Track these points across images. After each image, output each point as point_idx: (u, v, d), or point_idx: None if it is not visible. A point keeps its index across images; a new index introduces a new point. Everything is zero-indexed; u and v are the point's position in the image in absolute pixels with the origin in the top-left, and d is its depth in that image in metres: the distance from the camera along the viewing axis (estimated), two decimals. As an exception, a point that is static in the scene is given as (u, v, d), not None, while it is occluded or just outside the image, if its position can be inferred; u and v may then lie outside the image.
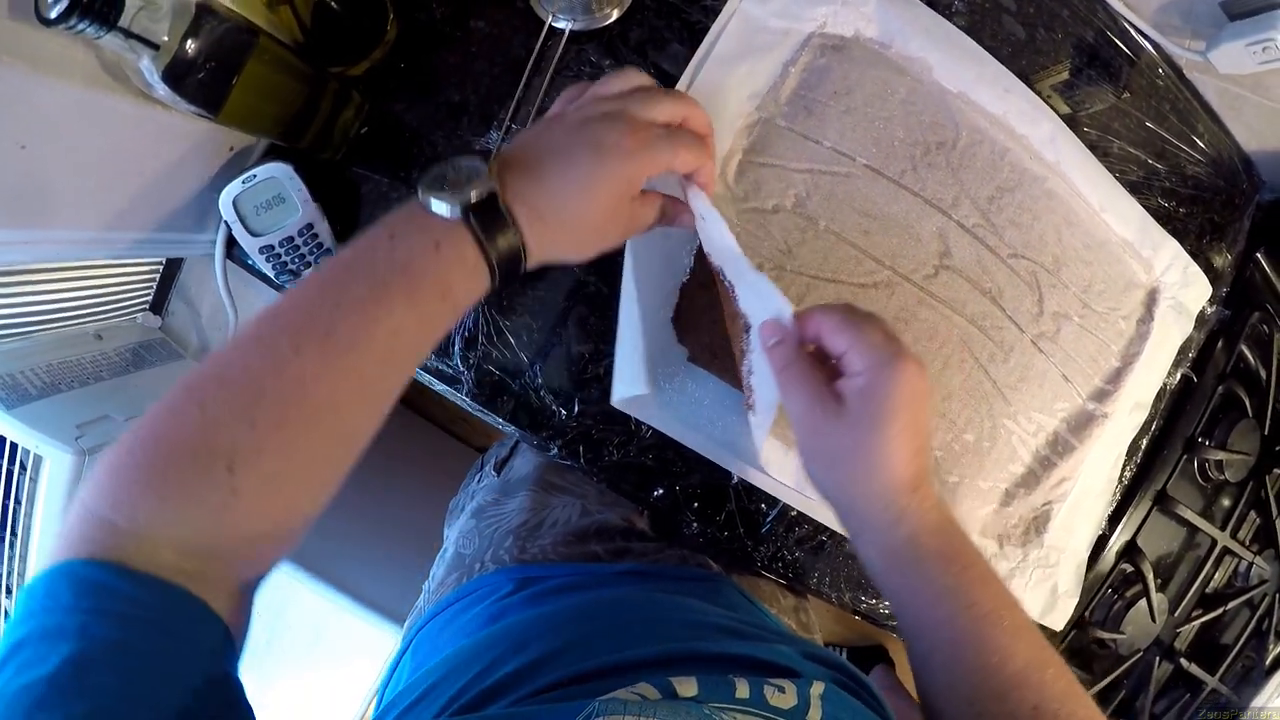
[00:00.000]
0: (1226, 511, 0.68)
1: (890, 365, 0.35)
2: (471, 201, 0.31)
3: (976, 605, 0.36)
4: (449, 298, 0.32)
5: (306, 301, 0.31)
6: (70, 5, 0.33)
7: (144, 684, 0.24)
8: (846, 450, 0.36)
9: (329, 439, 0.31)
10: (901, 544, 0.37)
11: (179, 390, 0.29)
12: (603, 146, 0.34)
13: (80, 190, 0.45)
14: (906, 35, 0.49)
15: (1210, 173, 0.64)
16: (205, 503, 0.28)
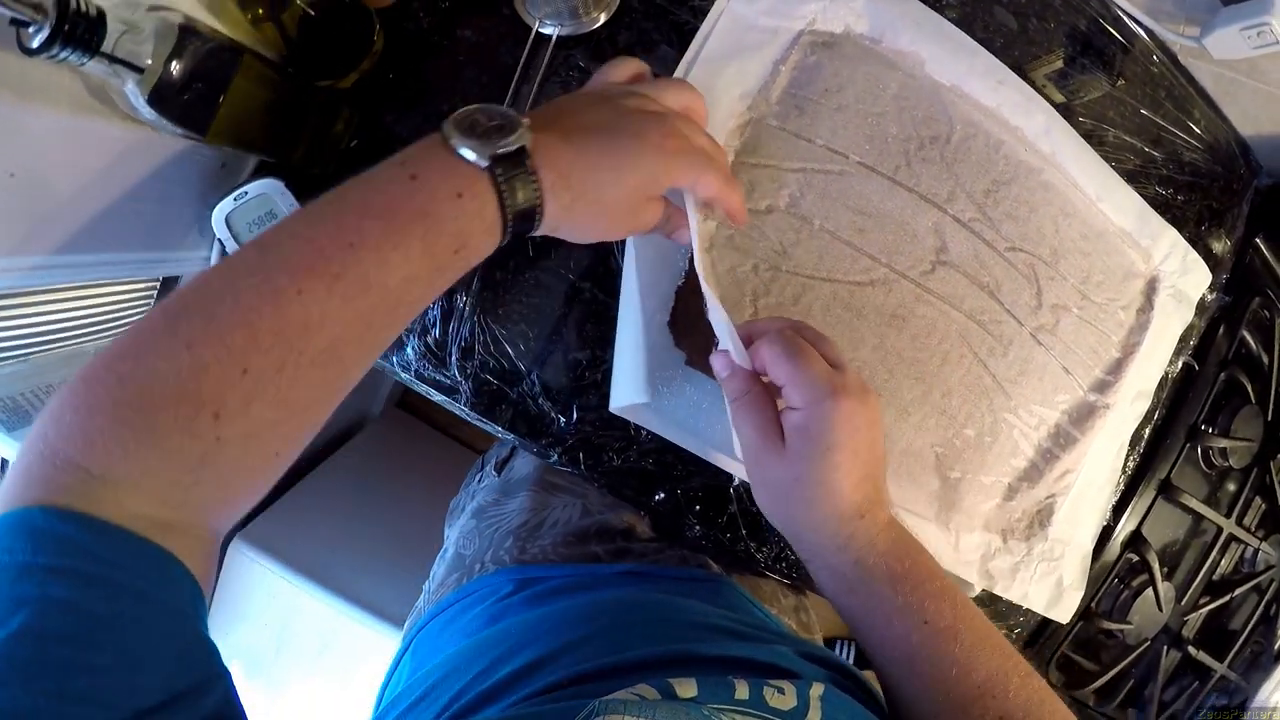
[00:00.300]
0: (1231, 498, 0.68)
1: (826, 402, 0.35)
2: (500, 153, 0.29)
3: (931, 622, 0.37)
4: (463, 251, 0.31)
5: (314, 237, 0.28)
6: (52, 34, 0.33)
7: (113, 655, 0.22)
8: (788, 483, 0.37)
9: (322, 386, 0.29)
10: (849, 568, 0.38)
11: (161, 321, 0.26)
12: (646, 138, 0.34)
13: (71, 215, 0.45)
14: (897, 30, 0.49)
15: (1207, 159, 0.63)
16: (187, 452, 0.25)
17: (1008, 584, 0.54)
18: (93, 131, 0.43)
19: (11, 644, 0.20)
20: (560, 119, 0.33)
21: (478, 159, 0.29)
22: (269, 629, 0.89)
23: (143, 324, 0.27)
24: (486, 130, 0.30)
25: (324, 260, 0.27)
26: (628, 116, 0.34)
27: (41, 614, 0.21)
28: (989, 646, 0.37)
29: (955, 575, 0.53)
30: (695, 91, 0.38)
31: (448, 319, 0.48)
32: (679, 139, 0.35)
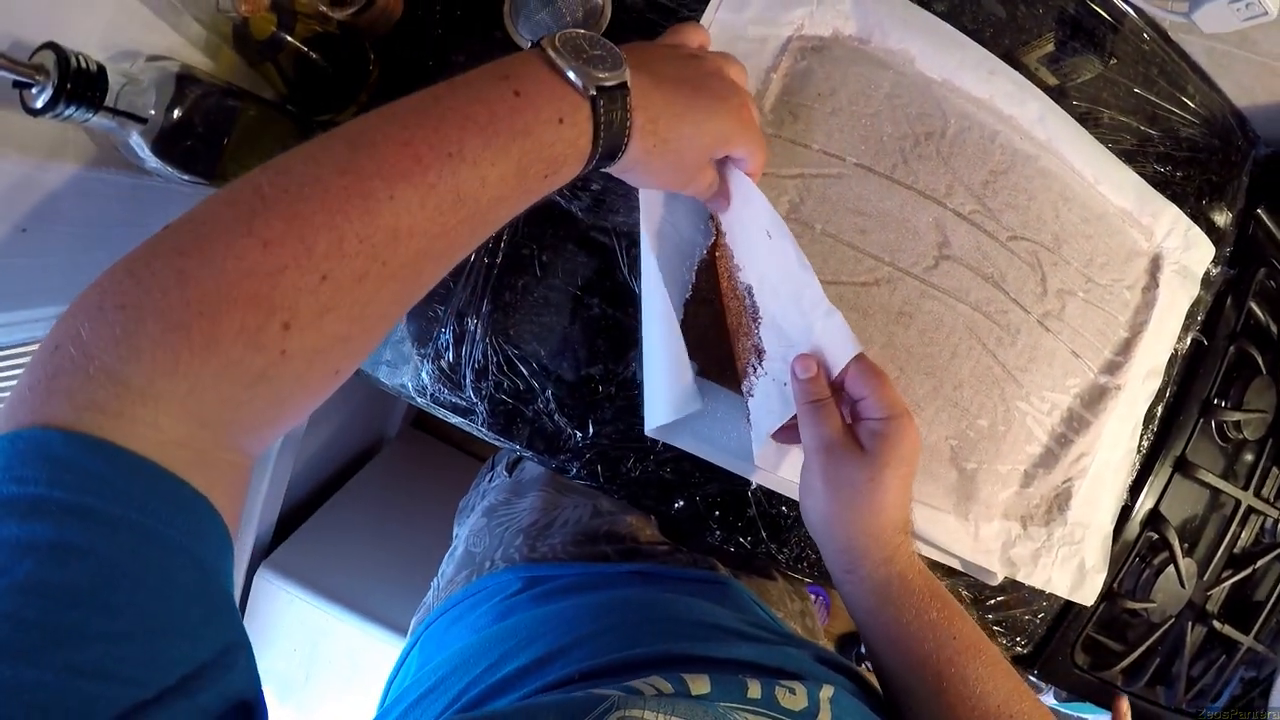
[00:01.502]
0: (1248, 470, 0.68)
1: (903, 418, 0.38)
2: (604, 85, 0.29)
3: (959, 639, 0.38)
4: (552, 177, 0.30)
5: (410, 141, 0.26)
6: (55, 94, 0.33)
7: (133, 619, 0.19)
8: (859, 485, 0.38)
9: (396, 300, 0.27)
10: (894, 579, 0.39)
11: (231, 213, 0.23)
12: (727, 101, 0.36)
13: (84, 265, 0.46)
14: (885, 28, 0.49)
15: (1204, 133, 0.63)
16: (246, 365, 0.23)
17: (1030, 570, 0.54)
18: (103, 182, 0.44)
19: (16, 599, 0.17)
20: (651, 64, 0.34)
21: (584, 86, 0.29)
22: (298, 654, 0.90)
23: (208, 212, 0.23)
24: (590, 58, 0.30)
25: (421, 168, 0.25)
26: (711, 77, 0.36)
27: (54, 562, 0.18)
28: (1003, 667, 0.39)
29: (977, 564, 0.54)
30: (745, 71, 0.40)
31: (460, 342, 0.48)
32: (750, 110, 0.38)
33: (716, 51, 0.40)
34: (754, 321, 0.45)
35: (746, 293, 0.45)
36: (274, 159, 0.25)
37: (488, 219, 0.29)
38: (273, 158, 0.25)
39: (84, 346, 0.21)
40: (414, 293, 0.28)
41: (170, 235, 0.23)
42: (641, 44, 0.37)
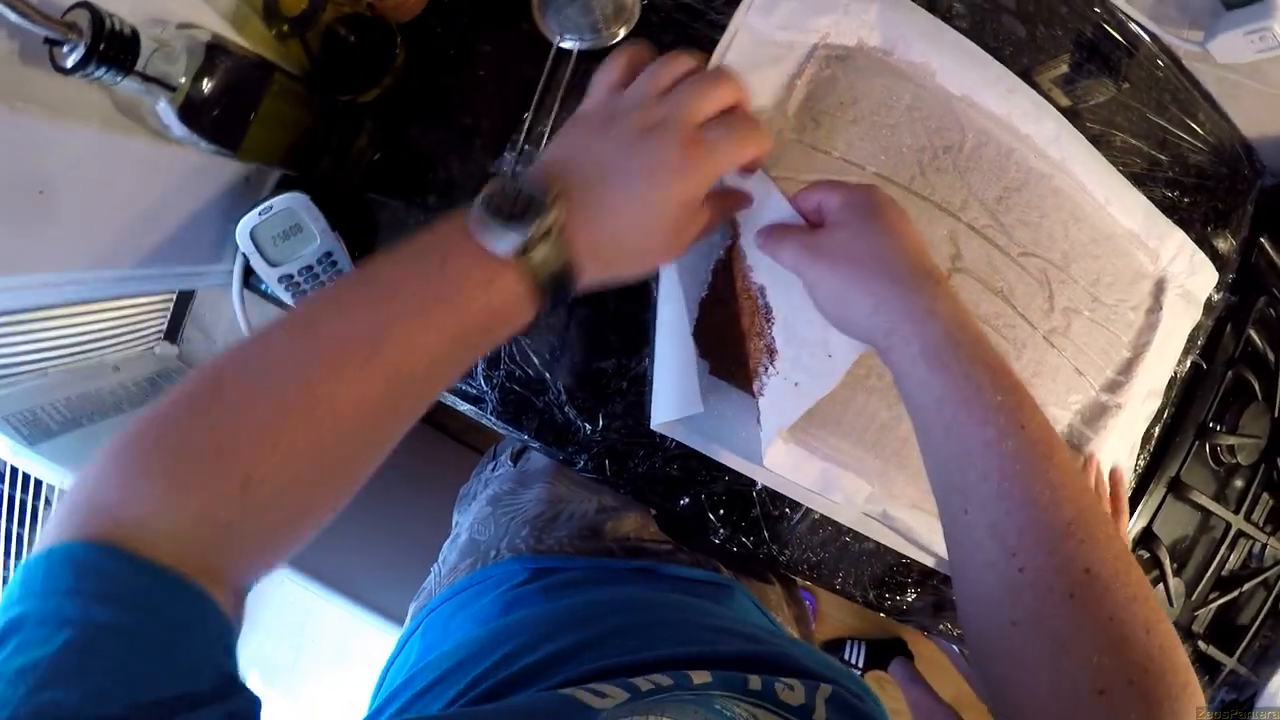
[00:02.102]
0: (1239, 494, 0.69)
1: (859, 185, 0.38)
2: (533, 239, 0.30)
3: (1028, 429, 0.32)
4: (492, 332, 0.32)
5: (345, 325, 0.29)
6: (87, 54, 0.33)
7: (147, 667, 0.23)
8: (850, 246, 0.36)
9: (351, 460, 0.31)
10: (942, 338, 0.34)
11: (200, 390, 0.28)
12: (660, 168, 0.33)
13: (98, 231, 0.46)
14: (909, 41, 0.49)
15: (1212, 161, 0.64)
16: (216, 515, 0.27)
17: (1025, 583, 0.55)
18: (121, 148, 0.43)
19: (58, 656, 0.22)
20: (580, 174, 0.33)
21: (503, 250, 0.30)
22: (286, 636, 0.89)
23: (184, 389, 0.28)
24: (512, 214, 0.30)
25: (353, 350, 0.29)
26: (638, 145, 0.33)
27: (85, 633, 0.23)
28: (1076, 482, 0.32)
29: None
30: (689, 59, 0.36)
31: (472, 330, 0.48)
32: (694, 145, 0.33)
33: (647, 75, 0.35)
34: (767, 321, 0.45)
35: (759, 292, 0.45)
36: (235, 344, 0.30)
37: (432, 380, 0.31)
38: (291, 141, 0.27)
39: (91, 493, 0.27)
40: (367, 454, 0.31)
41: (156, 409, 0.28)
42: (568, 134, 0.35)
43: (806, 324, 0.44)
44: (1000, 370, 0.33)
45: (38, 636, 0.23)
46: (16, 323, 0.47)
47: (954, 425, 0.33)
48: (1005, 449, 0.32)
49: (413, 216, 0.51)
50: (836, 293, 0.37)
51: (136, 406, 0.67)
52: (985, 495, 0.32)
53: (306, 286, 0.50)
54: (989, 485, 0.32)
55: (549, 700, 0.31)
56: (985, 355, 0.34)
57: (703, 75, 0.35)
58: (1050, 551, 0.30)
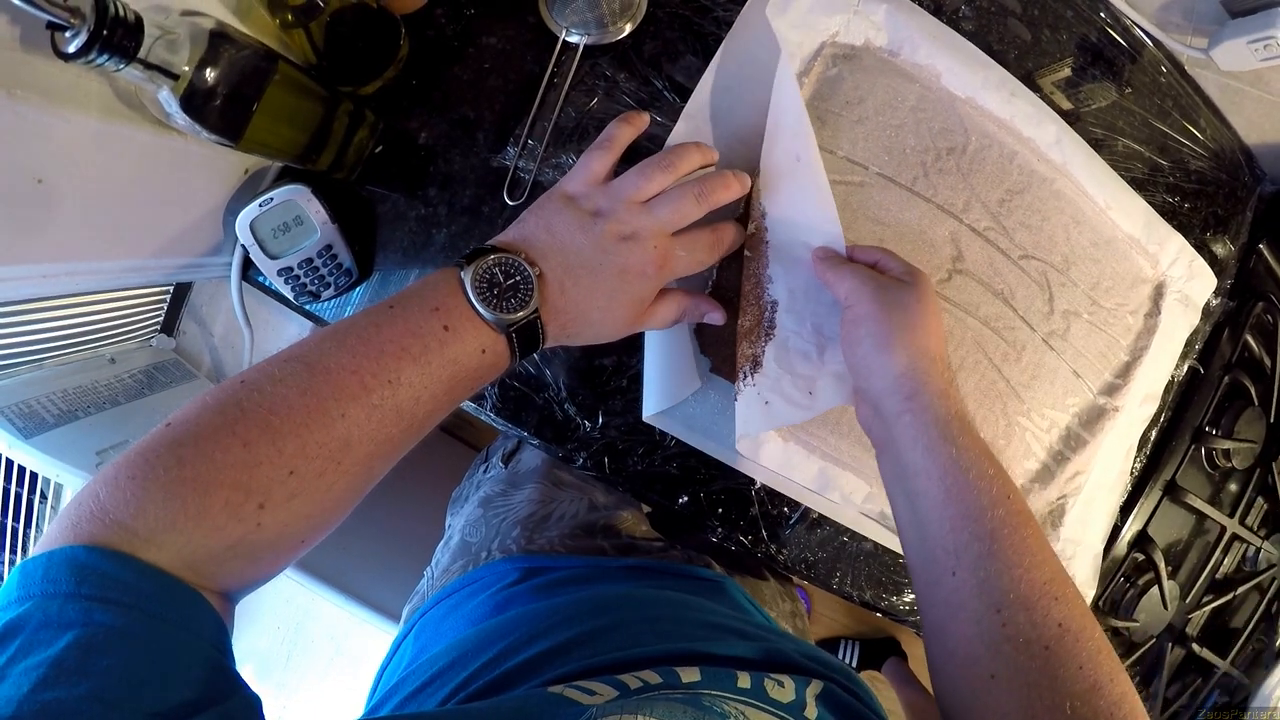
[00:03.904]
0: (1234, 498, 0.69)
1: (920, 270, 0.42)
2: (519, 323, 0.36)
3: (1012, 500, 0.37)
4: (475, 387, 0.37)
5: (357, 370, 0.32)
6: (90, 39, 0.32)
7: (149, 668, 0.24)
8: (908, 304, 0.40)
9: (351, 490, 0.34)
10: (955, 417, 0.38)
11: (219, 416, 0.30)
12: (629, 271, 0.38)
13: (97, 222, 0.45)
14: (915, 43, 0.49)
15: (1212, 167, 0.64)
16: (228, 532, 0.29)
17: (1021, 584, 0.55)
18: (121, 137, 0.43)
19: (61, 656, 0.23)
20: (557, 253, 0.38)
21: (500, 325, 0.35)
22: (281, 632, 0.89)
23: (201, 414, 0.30)
24: (504, 290, 0.35)
25: (366, 391, 0.32)
26: (611, 250, 0.38)
27: (86, 634, 0.24)
28: (1047, 548, 0.36)
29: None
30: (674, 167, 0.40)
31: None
32: (661, 255, 0.39)
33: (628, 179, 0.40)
34: (765, 336, 0.45)
35: (769, 306, 0.45)
36: (249, 372, 0.31)
37: (423, 425, 0.35)
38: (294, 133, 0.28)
39: (101, 504, 0.27)
40: (366, 483, 0.34)
41: (173, 429, 0.29)
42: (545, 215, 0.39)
43: (802, 357, 0.45)
44: (988, 448, 0.39)
45: (41, 638, 0.23)
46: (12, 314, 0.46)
47: (954, 491, 0.37)
48: (996, 515, 0.36)
49: (413, 209, 0.50)
50: (878, 337, 0.40)
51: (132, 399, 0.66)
52: (976, 556, 0.35)
53: (306, 279, 0.50)
54: (981, 546, 0.35)
55: (538, 698, 0.31)
56: (979, 437, 0.39)
57: (684, 191, 0.40)
58: (1030, 608, 0.34)
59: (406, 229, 0.50)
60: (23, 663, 0.23)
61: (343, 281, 0.51)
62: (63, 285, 0.47)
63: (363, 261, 0.51)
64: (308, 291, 0.50)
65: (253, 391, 0.31)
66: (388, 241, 0.51)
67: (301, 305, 0.51)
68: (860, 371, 0.41)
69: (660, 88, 0.49)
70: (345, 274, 0.50)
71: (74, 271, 0.46)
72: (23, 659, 0.23)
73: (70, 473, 0.56)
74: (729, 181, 0.41)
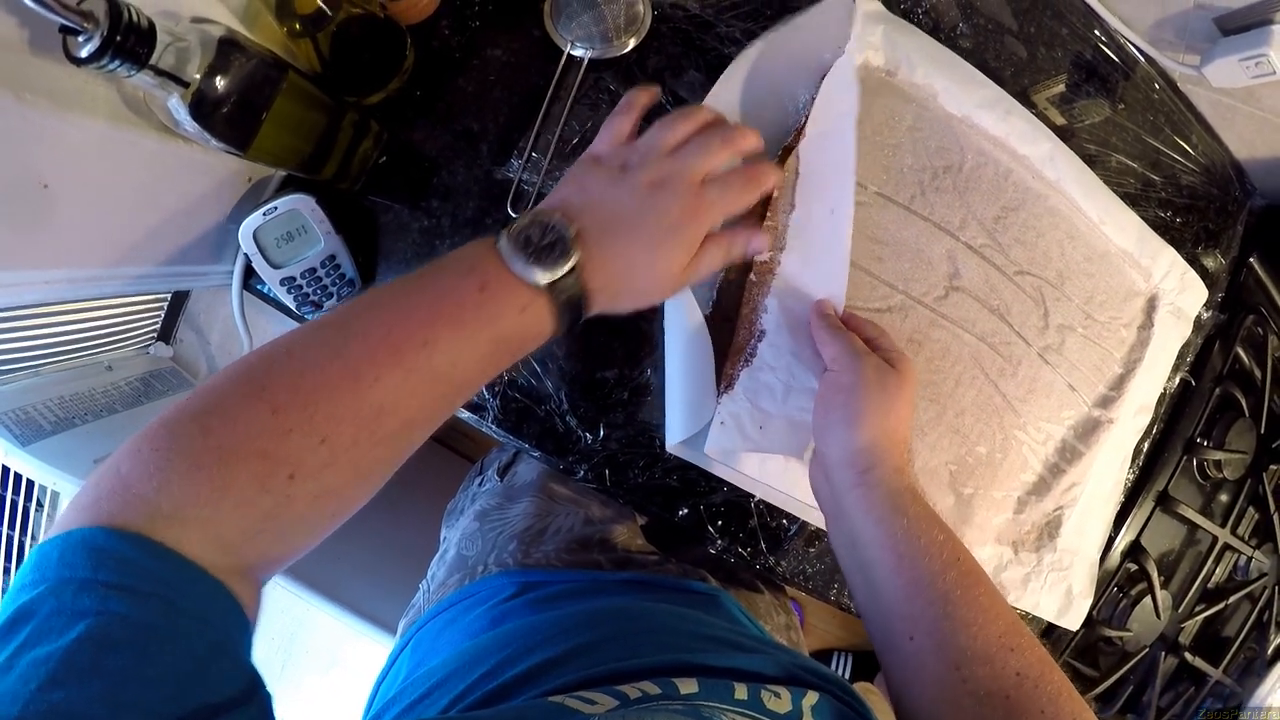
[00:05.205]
0: (1225, 508, 0.70)
1: (907, 355, 0.43)
2: (559, 277, 0.34)
3: (963, 562, 0.38)
4: (519, 350, 0.35)
5: (390, 333, 0.31)
6: (103, 45, 0.32)
7: (165, 667, 0.22)
8: (889, 387, 0.41)
9: (388, 459, 0.32)
10: (907, 490, 0.40)
11: (246, 384, 0.28)
12: (668, 217, 0.37)
13: (101, 227, 0.45)
14: (912, 63, 0.50)
15: (1204, 181, 0.65)
16: (257, 505, 0.27)
17: (1020, 594, 0.55)
18: (127, 143, 0.42)
19: (71, 650, 0.21)
20: (592, 212, 0.36)
21: (538, 282, 0.33)
22: (275, 642, 0.88)
23: (226, 382, 0.28)
24: (539, 249, 0.33)
25: (400, 355, 0.30)
26: (647, 199, 0.37)
27: (100, 625, 0.22)
28: (1001, 602, 0.38)
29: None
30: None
31: (476, 336, 0.48)
32: (697, 199, 0.38)
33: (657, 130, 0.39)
34: (745, 362, 0.46)
35: (758, 336, 0.46)
36: (276, 341, 0.30)
37: (462, 391, 0.33)
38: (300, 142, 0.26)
39: (124, 478, 0.26)
40: (401, 453, 0.32)
41: (196, 398, 0.28)
42: (580, 176, 0.38)
43: (767, 391, 0.46)
44: (940, 519, 0.40)
45: (52, 626, 0.22)
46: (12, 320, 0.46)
47: (905, 560, 0.38)
48: (948, 579, 0.37)
49: (416, 221, 0.50)
50: (850, 410, 0.41)
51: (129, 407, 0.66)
52: (931, 620, 0.37)
53: (309, 289, 0.50)
54: (935, 610, 0.37)
55: (539, 707, 0.31)
56: (931, 508, 0.41)
57: (709, 135, 0.39)
58: (987, 661, 0.35)
59: (409, 240, 0.51)
60: (31, 653, 0.21)
61: (345, 291, 0.51)
62: (65, 292, 0.46)
63: (365, 272, 0.51)
64: (310, 301, 0.50)
65: (282, 356, 0.29)
66: (390, 252, 0.51)
67: (303, 315, 0.51)
68: (823, 436, 0.43)
69: (663, 102, 0.49)
70: (348, 284, 0.50)
71: (76, 278, 0.46)
72: (32, 648, 0.21)
73: (67, 480, 0.56)
74: (748, 133, 0.41)
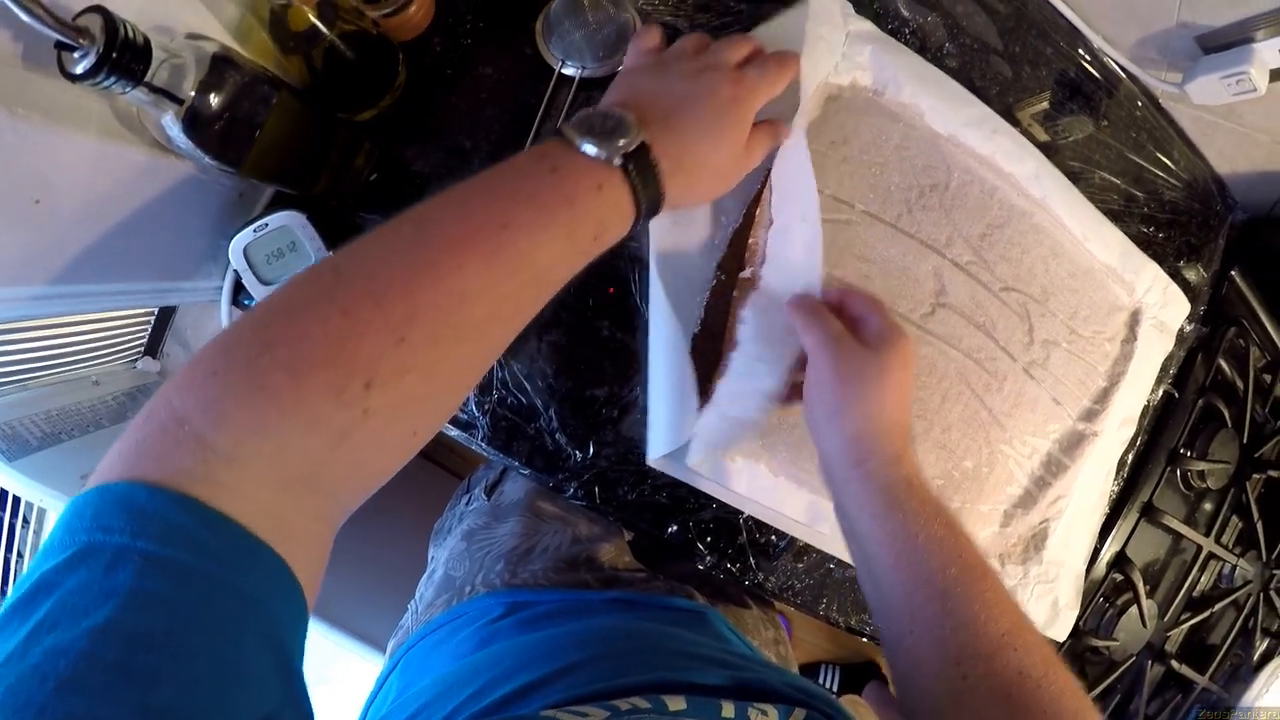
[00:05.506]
0: (1209, 518, 0.71)
1: (901, 331, 0.41)
2: (628, 151, 0.32)
3: (965, 557, 0.37)
4: (601, 238, 0.33)
5: (467, 217, 0.29)
6: (98, 62, 0.31)
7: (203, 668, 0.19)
8: (867, 374, 0.39)
9: (467, 362, 0.29)
10: (902, 482, 0.38)
11: (312, 287, 0.26)
12: (720, 95, 0.37)
13: (91, 243, 0.45)
14: (899, 82, 0.51)
15: (1186, 196, 0.66)
16: (330, 424, 0.24)
17: (1005, 608, 0.56)
18: (119, 158, 0.42)
19: (96, 639, 0.18)
20: (647, 101, 0.36)
21: (609, 158, 0.32)
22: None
23: (288, 288, 0.26)
24: (604, 130, 0.32)
25: (480, 239, 0.28)
26: (694, 80, 0.37)
27: (133, 608, 0.19)
28: (1006, 599, 0.36)
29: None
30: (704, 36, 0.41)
31: (467, 353, 0.48)
32: (740, 79, 0.38)
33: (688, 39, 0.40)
34: (721, 373, 0.47)
35: (734, 347, 0.47)
36: (338, 249, 0.27)
37: (547, 281, 0.31)
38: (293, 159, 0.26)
39: (175, 413, 0.22)
40: (485, 354, 0.30)
41: (258, 309, 0.25)
42: (627, 78, 0.39)
43: (740, 403, 0.46)
44: (943, 511, 0.38)
45: (77, 604, 0.18)
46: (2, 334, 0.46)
47: (904, 556, 0.37)
48: (949, 575, 0.36)
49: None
50: (830, 405, 0.40)
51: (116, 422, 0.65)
52: (929, 617, 0.36)
53: (299, 306, 0.50)
54: (935, 606, 0.36)
55: None
56: (933, 499, 0.39)
57: (729, 37, 0.41)
58: (988, 659, 0.34)
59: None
60: (51, 637, 0.18)
61: (336, 308, 0.51)
62: (54, 307, 0.46)
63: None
64: (300, 318, 0.50)
65: (350, 255, 0.26)
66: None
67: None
68: (814, 433, 0.42)
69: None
70: (338, 300, 0.50)
71: (66, 294, 0.46)
72: (52, 630, 0.18)
73: (54, 497, 0.56)
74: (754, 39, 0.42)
